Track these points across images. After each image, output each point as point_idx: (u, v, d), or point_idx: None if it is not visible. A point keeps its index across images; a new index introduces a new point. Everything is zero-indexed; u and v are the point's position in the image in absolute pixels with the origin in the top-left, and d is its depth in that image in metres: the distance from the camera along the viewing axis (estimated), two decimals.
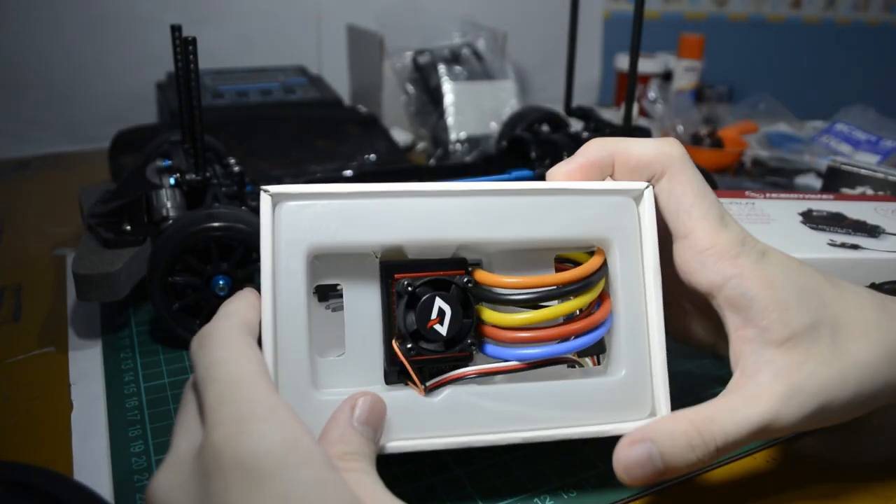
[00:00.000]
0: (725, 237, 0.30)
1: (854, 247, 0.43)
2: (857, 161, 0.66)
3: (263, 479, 0.22)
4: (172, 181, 0.48)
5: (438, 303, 0.29)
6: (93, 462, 0.34)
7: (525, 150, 0.66)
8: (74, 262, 0.43)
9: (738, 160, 0.84)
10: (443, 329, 0.29)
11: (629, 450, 0.28)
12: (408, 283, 0.29)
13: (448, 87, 0.84)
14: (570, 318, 0.31)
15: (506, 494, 0.32)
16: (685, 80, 1.10)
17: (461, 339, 0.30)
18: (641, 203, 0.32)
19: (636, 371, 0.31)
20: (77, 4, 0.88)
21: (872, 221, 0.46)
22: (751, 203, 0.49)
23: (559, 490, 0.32)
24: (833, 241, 0.43)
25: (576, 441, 0.35)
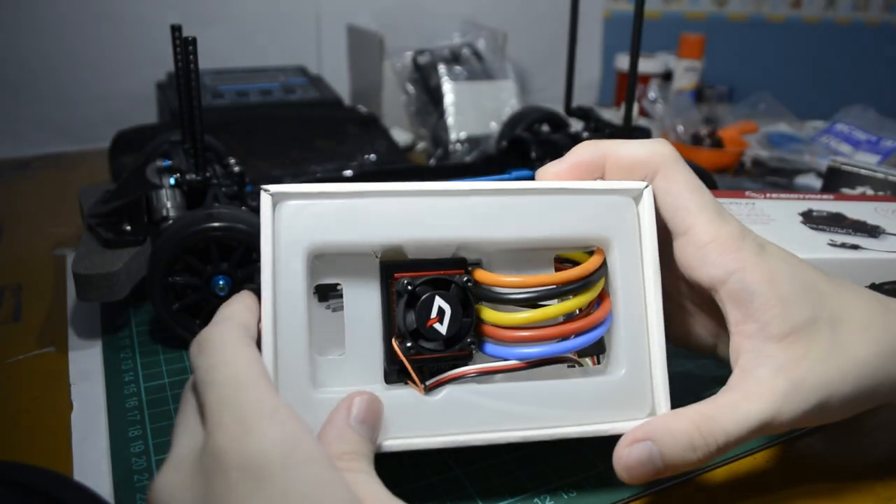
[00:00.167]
0: (726, 231, 0.30)
1: (854, 247, 0.43)
2: (857, 161, 0.66)
3: (265, 480, 0.22)
4: (172, 181, 0.48)
5: (438, 302, 0.29)
6: (93, 462, 0.34)
7: (525, 150, 0.66)
8: (74, 262, 0.43)
9: (738, 160, 0.84)
10: (442, 328, 0.29)
11: (630, 449, 0.28)
12: (407, 282, 0.29)
13: (448, 87, 0.84)
14: (570, 318, 0.31)
15: (506, 494, 0.32)
16: (685, 80, 1.10)
17: (461, 339, 0.30)
18: (641, 202, 0.32)
19: (636, 370, 0.31)
20: (77, 4, 0.88)
21: (872, 221, 0.46)
22: (751, 203, 0.49)
23: (559, 490, 0.32)
24: (833, 242, 0.43)
25: (576, 441, 0.35)
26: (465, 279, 0.30)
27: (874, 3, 1.60)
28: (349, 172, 0.64)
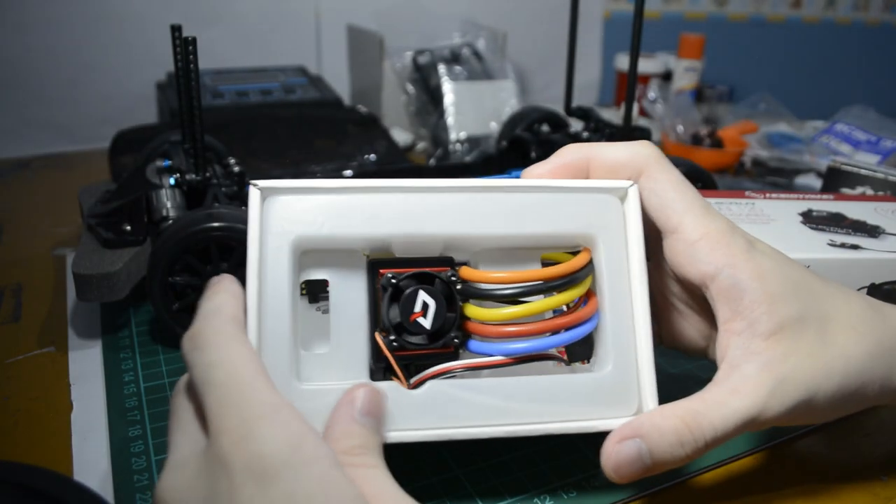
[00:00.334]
0: (714, 227, 0.31)
1: (854, 247, 0.43)
2: (857, 161, 0.66)
3: (270, 481, 0.22)
4: (172, 181, 0.48)
5: (422, 296, 0.29)
6: (93, 462, 0.34)
7: (525, 150, 0.66)
8: (74, 262, 0.43)
9: (738, 160, 0.84)
10: (426, 322, 0.29)
11: (618, 447, 0.28)
12: (392, 276, 0.30)
13: (448, 87, 0.84)
14: (557, 315, 0.31)
15: (506, 494, 0.32)
16: (685, 80, 1.10)
17: (445, 333, 0.30)
18: (626, 201, 0.32)
19: (623, 367, 0.31)
20: (77, 4, 0.88)
21: (872, 221, 0.46)
22: (751, 203, 0.49)
23: (559, 490, 0.32)
24: (833, 242, 0.43)
25: (576, 441, 0.35)
26: (450, 274, 0.30)
27: (874, 3, 1.60)
28: (349, 172, 0.64)
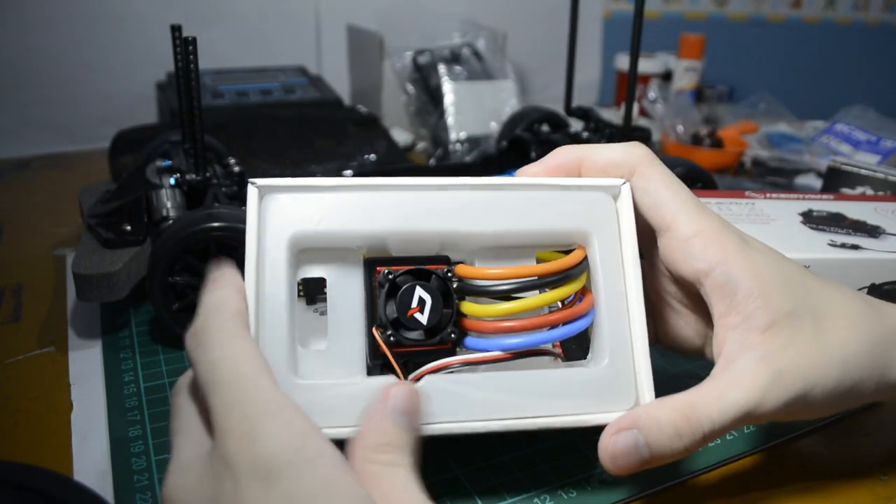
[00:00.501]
0: (707, 223, 0.31)
1: (854, 247, 0.43)
2: (857, 161, 0.66)
3: (273, 480, 0.22)
4: (172, 181, 0.48)
5: (419, 292, 0.30)
6: (93, 462, 0.34)
7: (525, 150, 0.66)
8: (74, 262, 0.43)
9: (738, 160, 0.84)
10: (423, 318, 0.30)
11: (615, 438, 0.28)
12: (388, 272, 0.30)
13: (448, 87, 0.84)
14: (553, 310, 0.32)
15: (506, 494, 0.32)
16: (685, 80, 1.10)
17: (442, 329, 0.30)
18: (619, 199, 0.32)
19: (619, 361, 0.31)
20: (77, 4, 0.88)
21: (872, 221, 0.46)
22: (751, 203, 0.49)
23: (559, 490, 0.32)
24: (833, 242, 0.43)
25: (576, 441, 0.35)
26: (446, 270, 0.30)
27: (874, 3, 1.60)
28: (349, 172, 0.64)
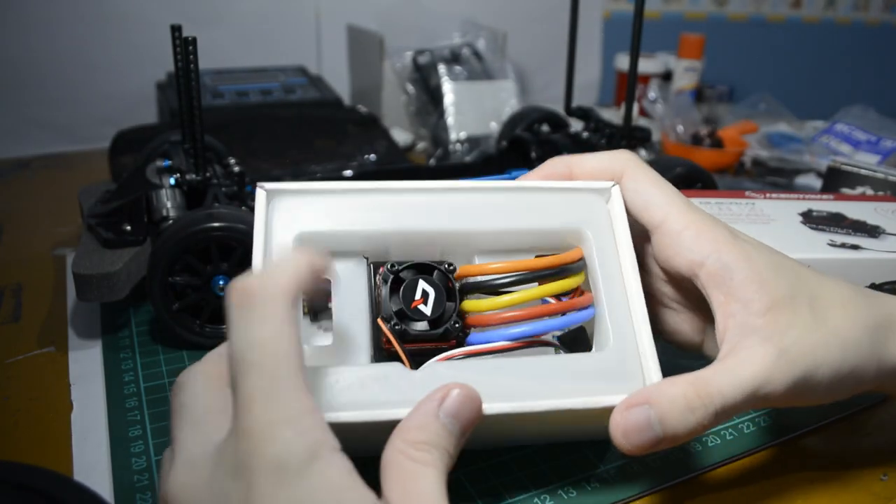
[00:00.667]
0: (697, 217, 0.32)
1: (854, 247, 0.43)
2: (857, 161, 0.66)
3: (286, 484, 0.22)
4: (172, 181, 0.48)
5: (422, 285, 0.31)
6: (93, 462, 0.34)
7: (525, 150, 0.66)
8: (74, 262, 0.43)
9: (738, 160, 0.84)
10: (427, 309, 0.31)
11: (627, 413, 0.28)
12: (392, 266, 0.31)
13: (448, 87, 0.84)
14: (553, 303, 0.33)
15: (506, 494, 0.32)
16: (685, 80, 1.10)
17: (445, 321, 0.31)
18: (610, 200, 0.34)
19: (624, 346, 0.31)
20: (77, 4, 0.88)
21: (872, 221, 0.46)
22: (751, 203, 0.49)
23: (559, 490, 0.32)
24: (833, 242, 0.43)
25: (576, 441, 0.35)
26: (448, 264, 0.32)
27: (874, 3, 1.60)
28: (349, 172, 0.64)
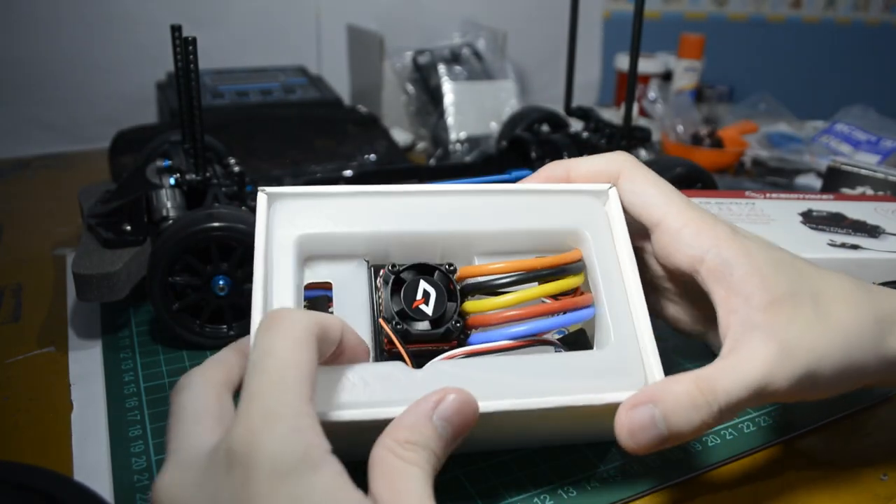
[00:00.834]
0: (696, 214, 0.32)
1: (854, 247, 0.43)
2: (857, 161, 0.66)
3: (280, 478, 0.22)
4: (172, 181, 0.48)
5: (423, 285, 0.31)
6: (93, 462, 0.34)
7: (525, 150, 0.66)
8: (74, 262, 0.43)
9: (738, 160, 0.84)
10: (428, 309, 0.31)
11: (631, 413, 0.28)
12: (392, 266, 0.31)
13: (448, 87, 0.84)
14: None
15: (506, 494, 0.32)
16: (685, 80, 1.10)
17: (447, 320, 0.31)
18: (608, 202, 0.34)
19: (625, 344, 0.31)
20: (77, 5, 0.88)
21: (872, 221, 0.46)
22: (751, 203, 0.49)
23: (559, 490, 0.32)
24: (833, 242, 0.43)
25: (576, 441, 0.35)
26: (448, 265, 0.32)
27: (874, 3, 1.60)
28: (349, 172, 0.63)
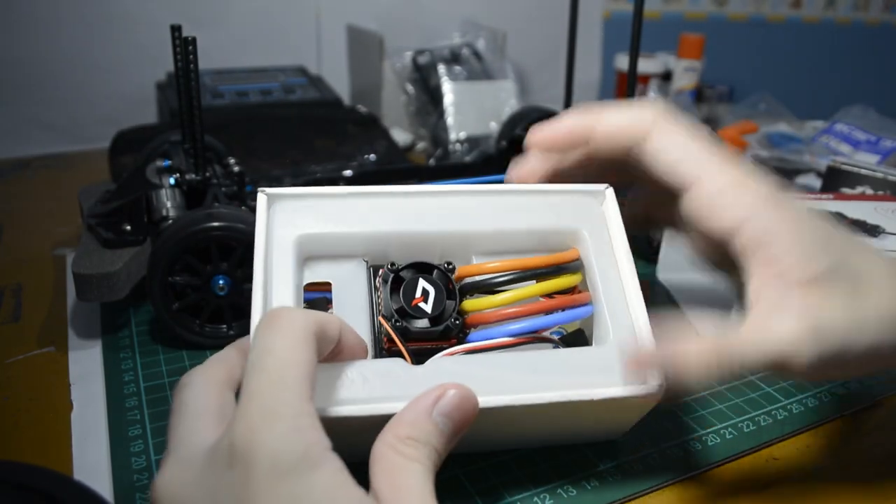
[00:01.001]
0: (738, 174, 0.30)
1: None
2: (857, 161, 0.66)
3: (280, 475, 0.22)
4: (172, 181, 0.48)
5: (422, 283, 0.31)
6: (93, 462, 0.34)
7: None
8: (74, 262, 0.43)
9: None
10: (427, 306, 0.31)
11: (645, 358, 0.29)
12: (391, 265, 0.32)
13: (448, 87, 0.84)
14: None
15: (506, 494, 0.32)
16: (685, 80, 1.10)
17: (446, 318, 0.31)
18: (605, 202, 0.34)
19: (623, 340, 0.31)
20: (77, 5, 0.88)
21: (872, 221, 0.46)
22: None
23: (559, 490, 0.32)
24: None
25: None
26: (447, 263, 0.32)
27: (874, 3, 1.60)
28: (349, 172, 0.64)
